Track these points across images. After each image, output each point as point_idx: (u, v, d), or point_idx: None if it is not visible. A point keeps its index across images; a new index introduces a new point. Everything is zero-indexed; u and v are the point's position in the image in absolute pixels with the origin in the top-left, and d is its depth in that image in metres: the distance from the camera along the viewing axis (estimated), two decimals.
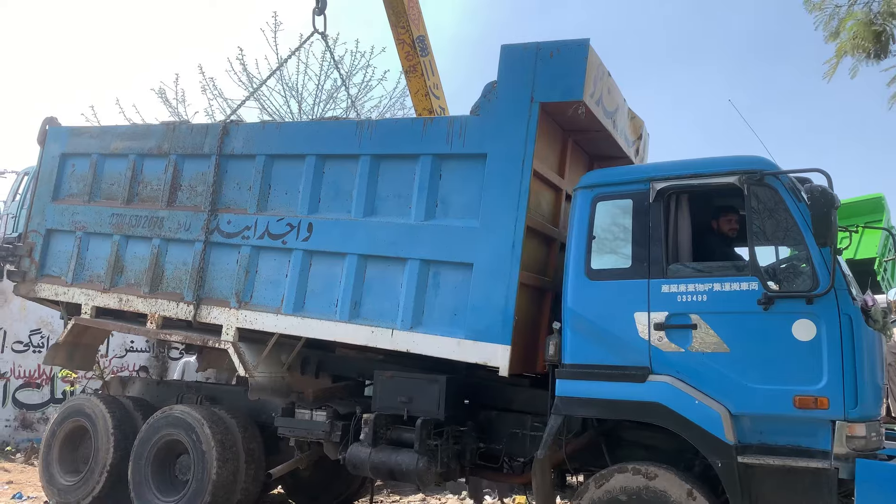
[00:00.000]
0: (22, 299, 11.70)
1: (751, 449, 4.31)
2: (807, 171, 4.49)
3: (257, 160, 6.67)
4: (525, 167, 5.32)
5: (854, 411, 4.09)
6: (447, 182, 5.76)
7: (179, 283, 6.89)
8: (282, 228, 6.38)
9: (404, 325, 5.64)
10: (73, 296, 7.55)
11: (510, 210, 5.32)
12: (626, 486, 4.50)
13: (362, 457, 5.72)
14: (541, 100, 5.37)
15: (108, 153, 7.68)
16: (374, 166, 6.07)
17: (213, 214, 6.77)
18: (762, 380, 4.29)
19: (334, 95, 14.74)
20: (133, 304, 7.12)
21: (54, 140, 8.11)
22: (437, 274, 5.64)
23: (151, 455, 6.67)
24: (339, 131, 6.46)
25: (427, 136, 5.86)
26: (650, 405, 4.52)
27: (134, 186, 7.41)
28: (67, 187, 7.95)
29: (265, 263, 6.47)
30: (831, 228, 4.04)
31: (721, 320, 4.44)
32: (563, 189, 6.06)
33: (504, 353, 5.16)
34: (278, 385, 6.69)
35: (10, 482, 8.61)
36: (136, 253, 7.22)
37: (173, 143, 7.24)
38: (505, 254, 5.27)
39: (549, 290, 5.86)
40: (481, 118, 5.64)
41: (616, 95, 6.07)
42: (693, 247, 4.79)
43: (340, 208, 6.19)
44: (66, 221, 7.76)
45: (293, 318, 6.18)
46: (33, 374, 12.31)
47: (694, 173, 4.76)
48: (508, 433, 5.58)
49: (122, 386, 8.15)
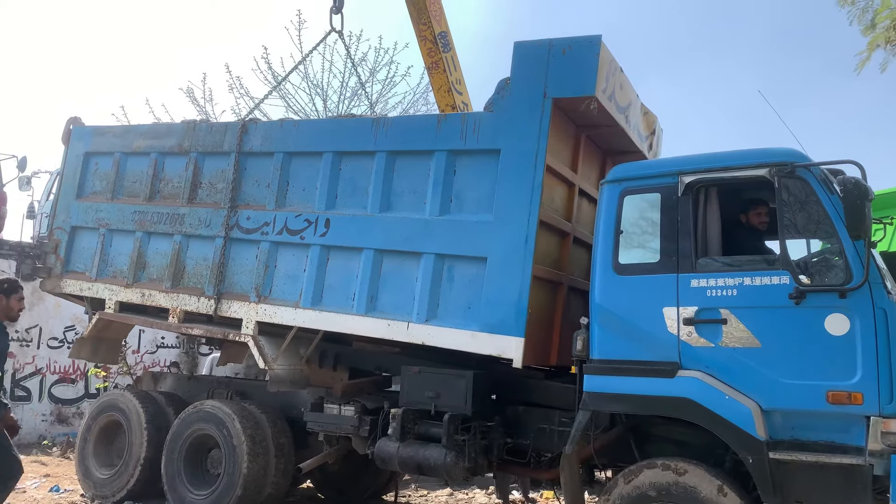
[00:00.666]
0: (56, 297, 12.09)
1: (782, 445, 4.26)
2: (839, 163, 4.41)
3: (275, 157, 6.79)
4: (538, 162, 5.37)
5: (890, 406, 4.01)
6: (461, 178, 5.82)
7: (200, 278, 7.04)
8: (300, 224, 6.49)
9: (420, 319, 5.72)
10: (97, 291, 7.75)
11: (523, 205, 5.36)
12: (656, 482, 4.47)
13: (390, 451, 5.76)
14: (553, 95, 5.41)
15: (131, 151, 7.86)
16: (389, 163, 6.15)
17: (233, 211, 6.90)
18: (794, 375, 4.23)
19: (358, 92, 14.81)
20: (155, 298, 7.28)
21: (78, 139, 8.31)
22: (452, 268, 5.71)
23: (183, 449, 6.79)
24: (356, 128, 6.56)
25: (441, 132, 5.93)
26: (679, 401, 4.49)
27: (156, 184, 7.57)
28: (91, 185, 8.14)
29: (284, 258, 6.59)
30: (865, 221, 3.97)
31: (751, 315, 4.39)
32: (576, 184, 6.10)
33: (518, 346, 5.22)
34: (297, 377, 6.84)
35: (47, 475, 8.80)
36: (158, 249, 7.39)
37: (193, 141, 7.39)
38: (518, 248, 5.32)
39: (563, 283, 5.92)
40: (495, 114, 5.69)
41: (629, 91, 6.09)
42: (723, 241, 4.73)
43: (357, 204, 6.28)
44: (90, 219, 7.95)
45: (311, 312, 6.30)
46: (68, 369, 12.57)
47: (723, 166, 4.69)
48: (536, 428, 5.57)
49: (153, 381, 8.29)
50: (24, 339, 12.20)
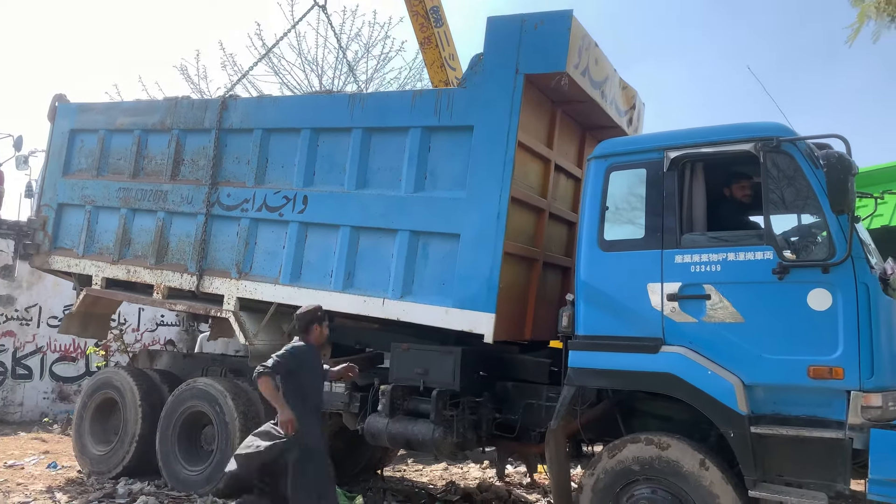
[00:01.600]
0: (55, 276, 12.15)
1: (764, 419, 4.28)
2: (824, 137, 4.37)
3: (255, 134, 6.82)
4: (510, 138, 5.36)
5: (870, 381, 4.02)
6: (436, 154, 5.82)
7: (183, 254, 7.12)
8: (278, 201, 6.53)
9: (395, 295, 5.78)
10: (84, 267, 7.85)
11: (495, 181, 5.36)
12: (639, 456, 4.50)
13: (380, 427, 5.82)
14: (525, 71, 5.39)
15: (115, 128, 7.89)
16: (365, 139, 6.16)
17: (214, 188, 6.95)
18: (776, 350, 4.23)
19: (354, 68, 14.70)
20: (140, 275, 7.37)
21: (63, 116, 8.34)
22: (427, 245, 5.74)
23: (177, 426, 6.87)
24: (332, 105, 6.58)
25: (416, 108, 5.91)
26: (663, 376, 4.50)
27: (139, 161, 7.62)
28: (77, 162, 8.19)
29: (263, 235, 6.65)
30: (848, 195, 3.93)
31: (735, 290, 4.38)
32: (552, 160, 6.08)
33: (489, 321, 5.26)
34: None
35: (46, 452, 8.91)
36: (143, 225, 7.47)
37: (176, 118, 7.41)
38: (490, 224, 5.34)
39: (538, 259, 5.93)
40: (468, 90, 5.67)
41: (604, 66, 6.04)
42: (708, 216, 4.70)
43: (334, 181, 6.31)
44: (76, 196, 8.02)
45: (290, 289, 6.37)
46: (68, 348, 12.67)
47: (709, 141, 4.66)
48: (524, 404, 5.61)
49: (149, 359, 8.36)
50: (23, 317, 12.29)
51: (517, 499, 7.11)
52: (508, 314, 5.49)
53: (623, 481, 4.54)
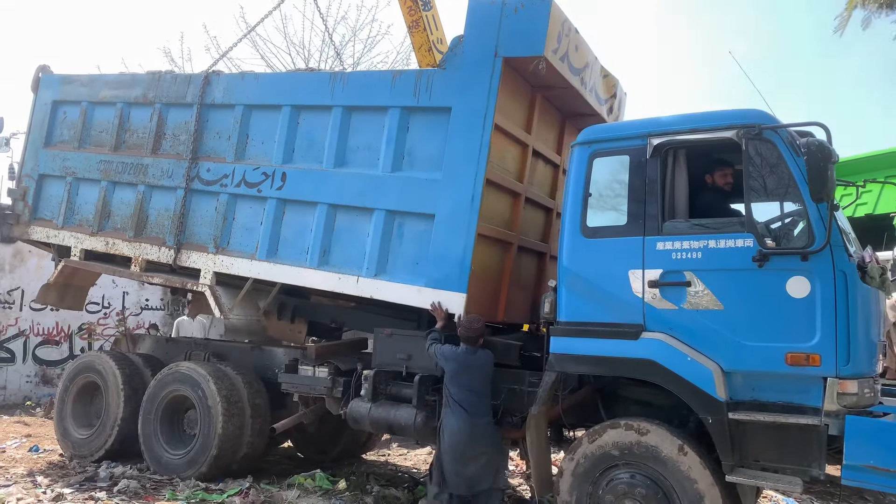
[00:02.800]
0: (38, 259, 12.07)
1: (742, 405, 4.31)
2: (806, 125, 4.38)
3: (236, 110, 6.82)
4: (486, 121, 5.37)
5: (846, 368, 4.06)
6: (414, 135, 5.83)
7: (162, 228, 7.14)
8: (257, 177, 6.55)
9: (369, 273, 5.82)
10: (63, 238, 7.86)
11: (471, 163, 5.38)
12: (619, 441, 4.54)
13: (362, 412, 5.84)
14: (504, 54, 5.39)
15: (98, 101, 7.88)
16: (345, 118, 6.17)
17: (194, 162, 6.98)
18: (755, 337, 4.26)
19: (341, 51, 14.58)
20: (119, 247, 7.40)
21: (47, 87, 8.32)
22: (402, 224, 5.78)
23: (160, 410, 6.85)
24: (314, 82, 6.58)
25: (396, 88, 5.92)
26: (642, 362, 4.53)
27: (121, 134, 7.62)
28: (59, 134, 8.18)
29: (242, 211, 6.68)
30: (827, 183, 3.94)
31: (715, 277, 4.40)
32: (530, 145, 6.09)
33: (460, 301, 5.33)
34: (254, 328, 7.13)
35: (28, 435, 8.88)
36: (123, 198, 7.48)
37: (158, 92, 7.40)
38: (464, 206, 5.37)
39: (513, 243, 5.97)
40: (447, 72, 5.67)
41: (585, 52, 6.03)
42: (690, 203, 4.72)
43: (313, 159, 6.33)
44: (58, 167, 8.01)
45: (266, 264, 6.41)
46: (52, 331, 12.61)
47: (691, 128, 4.65)
48: (506, 389, 5.60)
49: (132, 343, 8.32)
50: (6, 301, 12.20)
51: None
52: (480, 295, 5.55)
53: (603, 466, 4.57)
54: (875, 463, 3.95)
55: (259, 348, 7.24)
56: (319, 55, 14.56)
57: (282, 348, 7.26)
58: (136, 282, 13.31)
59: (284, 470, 7.19)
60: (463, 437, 5.04)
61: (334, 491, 6.27)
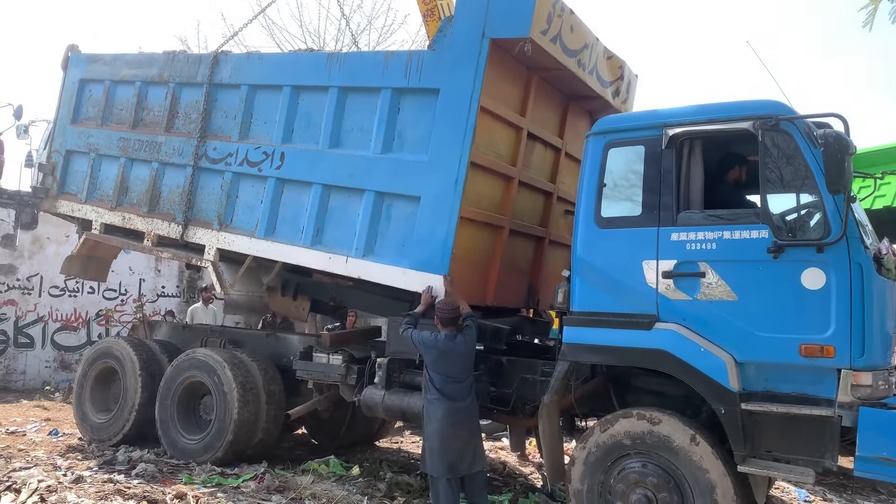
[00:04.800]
0: (57, 245, 12.24)
1: (755, 396, 4.31)
2: (823, 116, 4.35)
3: (241, 90, 6.93)
4: (472, 103, 5.36)
5: (860, 360, 4.05)
6: (404, 116, 5.86)
7: (173, 204, 7.31)
8: (258, 156, 6.66)
9: (358, 254, 5.90)
10: (85, 212, 8.14)
11: (455, 146, 5.40)
12: (631, 431, 4.55)
13: (376, 399, 5.90)
14: (492, 36, 5.38)
15: (119, 79, 8.08)
16: (341, 98, 6.23)
17: (203, 141, 7.12)
18: (769, 328, 4.25)
19: (357, 40, 14.59)
20: (133, 222, 7.62)
21: (74, 66, 8.55)
22: (391, 206, 5.84)
23: (176, 396, 6.95)
24: (312, 63, 6.67)
25: (388, 69, 5.95)
26: (656, 352, 4.53)
27: (139, 112, 7.80)
28: (85, 111, 8.41)
29: (244, 189, 6.81)
30: (844, 175, 3.92)
31: (730, 268, 4.39)
32: (524, 127, 6.06)
33: (440, 284, 5.36)
34: (255, 304, 7.37)
35: (48, 419, 9.02)
36: (139, 175, 7.68)
37: (172, 71, 7.55)
38: (448, 189, 5.40)
39: (503, 226, 5.97)
40: (437, 53, 5.68)
41: (582, 33, 5.96)
42: (705, 194, 4.69)
43: (310, 139, 6.41)
44: (83, 143, 8.25)
45: (264, 242, 6.54)
46: (70, 317, 12.76)
47: (708, 118, 4.63)
48: (519, 378, 5.65)
49: (149, 329, 8.43)
50: (25, 287, 12.36)
51: (512, 471, 7.20)
52: (465, 278, 5.58)
53: (614, 455, 4.59)
54: (889, 455, 3.94)
55: (274, 336, 7.32)
56: (335, 44, 14.58)
57: (297, 336, 7.34)
58: (153, 269, 13.51)
59: (299, 456, 7.28)
60: (445, 424, 5.01)
61: (348, 477, 6.34)
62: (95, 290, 12.88)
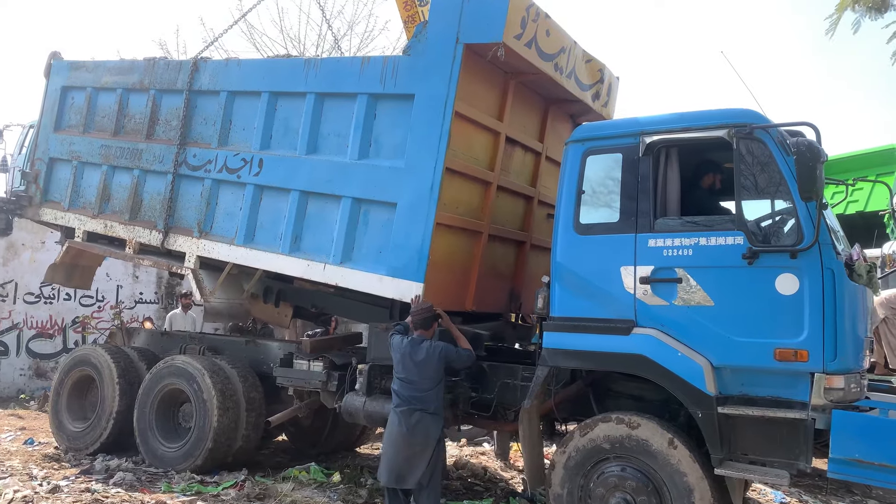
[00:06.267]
0: (32, 251, 12.08)
1: (731, 400, 4.38)
2: (796, 125, 4.45)
3: (221, 96, 6.93)
4: (447, 109, 5.38)
5: (833, 364, 4.13)
6: (381, 122, 5.88)
7: (154, 212, 7.30)
8: (237, 163, 6.66)
9: (335, 260, 5.90)
10: (68, 220, 8.09)
11: (431, 152, 5.42)
12: (610, 435, 4.60)
13: (357, 405, 5.89)
14: (466, 41, 5.40)
15: (101, 87, 8.04)
16: (318, 104, 6.24)
17: (182, 148, 7.11)
18: (744, 333, 4.33)
19: (337, 45, 14.57)
20: (115, 230, 7.59)
21: (57, 73, 8.49)
22: (367, 212, 5.85)
23: (155, 403, 6.88)
24: (289, 69, 6.66)
25: (364, 75, 5.96)
26: (634, 357, 4.59)
27: (120, 119, 7.78)
28: (67, 118, 8.36)
29: (224, 196, 6.81)
30: (816, 182, 4.01)
31: (706, 274, 4.46)
32: (502, 132, 6.08)
33: (417, 291, 5.40)
34: (236, 311, 7.33)
35: (23, 428, 8.88)
36: (121, 182, 7.65)
37: (153, 78, 7.53)
38: (424, 195, 5.41)
39: (482, 232, 6.00)
40: (412, 58, 5.70)
41: (559, 37, 5.98)
42: (681, 201, 4.77)
43: (288, 145, 6.41)
44: (65, 151, 8.20)
45: (243, 249, 6.54)
46: (45, 324, 12.58)
47: (684, 126, 4.72)
48: (500, 383, 5.68)
49: (127, 336, 8.34)
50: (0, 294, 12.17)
51: (493, 476, 7.23)
52: (443, 284, 5.60)
53: (594, 459, 4.64)
54: (860, 456, 4.03)
55: (254, 342, 7.29)
56: (315, 49, 14.56)
57: (277, 342, 7.30)
58: (130, 276, 13.37)
59: (279, 463, 7.24)
60: (394, 430, 4.99)
61: (329, 483, 6.33)
62: (72, 296, 12.72)
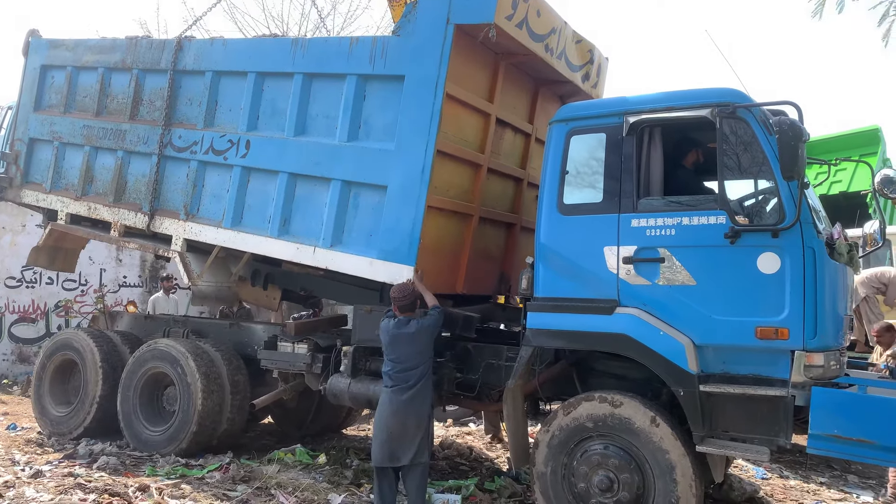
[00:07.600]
0: (12, 235, 11.92)
1: (713, 378, 4.42)
2: (779, 104, 4.44)
3: (206, 76, 6.81)
4: (438, 91, 5.32)
5: (813, 341, 4.17)
6: (370, 103, 5.81)
7: (139, 194, 7.18)
8: (224, 145, 6.56)
9: (325, 244, 5.85)
10: (50, 202, 7.94)
11: (421, 134, 5.37)
12: (593, 414, 4.63)
13: (342, 387, 5.90)
14: (456, 21, 5.33)
15: (81, 65, 7.87)
16: (306, 85, 6.15)
17: (167, 129, 6.99)
18: (726, 311, 4.36)
19: (323, 23, 14.40)
20: (99, 212, 7.47)
21: (36, 52, 8.30)
22: (357, 195, 5.79)
23: (139, 387, 6.85)
24: (277, 49, 6.55)
25: (353, 55, 5.88)
26: (616, 336, 4.62)
27: (102, 100, 7.63)
28: (47, 98, 8.19)
29: (210, 178, 6.72)
30: (798, 162, 4.01)
31: (688, 254, 4.48)
32: (492, 114, 6.04)
33: (408, 274, 5.37)
34: (223, 294, 7.26)
35: (5, 413, 8.83)
36: (104, 164, 7.52)
37: (135, 57, 7.39)
38: (415, 177, 5.36)
39: (472, 214, 5.98)
40: (401, 39, 5.62)
41: (550, 18, 5.94)
42: (665, 181, 4.78)
43: (276, 127, 6.33)
44: (46, 131, 8.04)
45: (231, 232, 6.46)
46: (27, 309, 12.46)
47: (667, 106, 4.70)
48: (485, 363, 5.70)
49: (110, 320, 8.29)
50: None
51: (478, 455, 7.28)
52: (434, 267, 5.57)
53: (577, 438, 4.67)
54: (839, 432, 4.08)
55: (238, 325, 7.26)
56: (298, 29, 14.39)
57: (261, 325, 7.28)
58: (114, 259, 13.24)
59: (265, 445, 7.25)
60: (386, 411, 4.99)
61: (314, 465, 6.34)
62: (54, 280, 12.59)
